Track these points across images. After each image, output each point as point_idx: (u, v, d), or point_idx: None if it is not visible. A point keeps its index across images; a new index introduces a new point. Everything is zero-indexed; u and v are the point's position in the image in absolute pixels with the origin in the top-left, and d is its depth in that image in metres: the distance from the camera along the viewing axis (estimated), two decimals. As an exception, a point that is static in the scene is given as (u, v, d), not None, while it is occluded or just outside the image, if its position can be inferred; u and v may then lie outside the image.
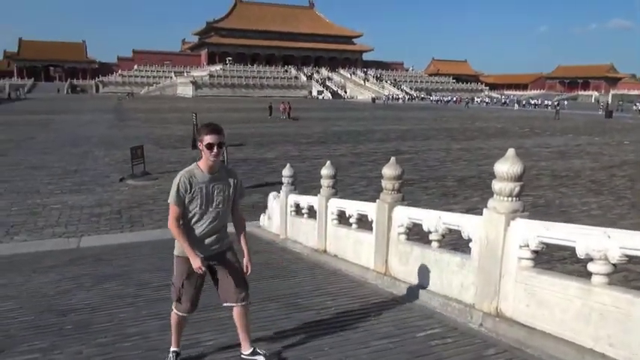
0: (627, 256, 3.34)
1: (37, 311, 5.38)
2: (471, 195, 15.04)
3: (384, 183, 5.97)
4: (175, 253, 3.65)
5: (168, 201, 3.52)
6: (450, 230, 5.11)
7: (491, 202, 4.34)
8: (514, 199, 4.19)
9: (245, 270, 3.72)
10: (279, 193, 9.86)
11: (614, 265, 3.44)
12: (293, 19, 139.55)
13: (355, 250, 6.85)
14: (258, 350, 3.80)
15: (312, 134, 32.81)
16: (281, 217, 9.65)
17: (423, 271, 5.33)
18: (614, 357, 3.34)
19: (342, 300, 5.46)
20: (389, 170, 5.89)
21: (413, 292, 5.37)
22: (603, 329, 3.41)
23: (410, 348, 4.06)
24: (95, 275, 7.12)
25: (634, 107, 66.05)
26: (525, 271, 4.04)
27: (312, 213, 8.44)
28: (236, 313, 3.73)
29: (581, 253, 3.56)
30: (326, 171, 7.78)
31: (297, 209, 9.09)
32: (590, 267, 3.55)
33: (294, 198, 9.18)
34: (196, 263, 3.44)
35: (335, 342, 4.21)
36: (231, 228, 3.75)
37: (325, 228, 7.69)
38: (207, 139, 3.40)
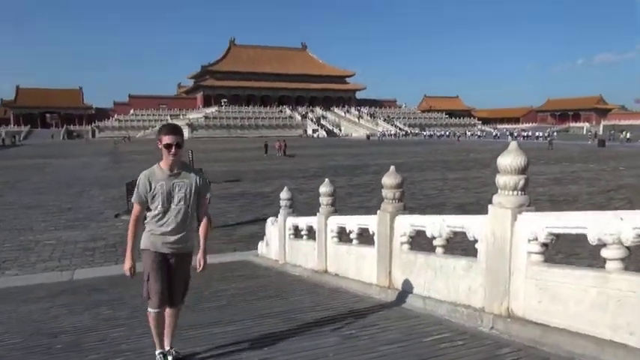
0: (642, 236, 3.20)
1: (26, 334, 5.14)
2: (471, 219, 14.87)
3: (385, 192, 5.84)
4: (141, 246, 3.73)
5: (131, 200, 3.77)
6: (455, 234, 4.94)
7: (496, 198, 4.22)
8: (520, 192, 4.06)
9: (198, 266, 3.78)
10: (277, 217, 9.70)
11: (628, 248, 3.28)
12: (286, 61, 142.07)
13: (357, 267, 6.65)
14: (174, 351, 3.85)
15: (308, 169, 32.80)
16: (279, 241, 9.45)
17: (429, 279, 5.14)
18: (635, 346, 3.13)
19: (344, 314, 5.23)
20: (389, 179, 5.78)
21: (418, 301, 5.15)
22: (622, 317, 3.22)
23: (417, 351, 3.84)
24: (87, 302, 6.87)
25: (620, 135, 67.17)
26: (536, 265, 3.86)
27: (311, 234, 8.27)
28: (170, 312, 3.82)
29: (592, 239, 3.41)
30: (324, 188, 7.66)
31: (296, 232, 8.92)
32: (604, 253, 3.39)
33: (292, 220, 9.01)
34: (127, 265, 3.67)
35: (339, 349, 3.99)
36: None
37: (325, 247, 7.50)
38: (166, 139, 3.59)
